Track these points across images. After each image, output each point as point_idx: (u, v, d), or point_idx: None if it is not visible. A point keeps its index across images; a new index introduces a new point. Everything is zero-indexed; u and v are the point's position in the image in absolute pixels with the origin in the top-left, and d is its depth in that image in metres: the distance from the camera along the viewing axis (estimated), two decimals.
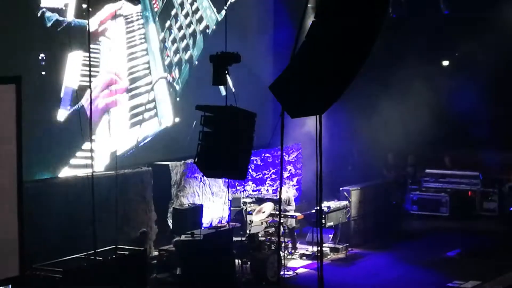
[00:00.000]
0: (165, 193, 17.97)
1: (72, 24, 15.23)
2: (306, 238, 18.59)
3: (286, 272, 16.39)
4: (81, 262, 12.83)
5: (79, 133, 12.79)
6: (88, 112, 12.93)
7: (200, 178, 18.33)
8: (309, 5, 13.40)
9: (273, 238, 16.72)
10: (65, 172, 15.44)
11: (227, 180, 17.75)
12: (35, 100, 14.63)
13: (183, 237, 15.44)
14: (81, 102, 15.39)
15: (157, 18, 17.81)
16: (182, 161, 18.20)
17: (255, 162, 20.07)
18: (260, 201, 18.46)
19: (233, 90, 12.27)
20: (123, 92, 16.86)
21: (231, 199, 18.51)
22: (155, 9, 17.77)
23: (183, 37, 18.51)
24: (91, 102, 12.22)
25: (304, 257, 17.57)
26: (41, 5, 14.92)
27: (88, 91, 12.67)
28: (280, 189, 9.88)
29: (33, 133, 14.50)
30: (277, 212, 17.09)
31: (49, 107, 15.20)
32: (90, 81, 12.99)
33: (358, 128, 21.84)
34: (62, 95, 15.37)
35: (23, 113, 12.13)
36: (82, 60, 15.59)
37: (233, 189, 19.27)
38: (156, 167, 17.71)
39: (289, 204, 18.14)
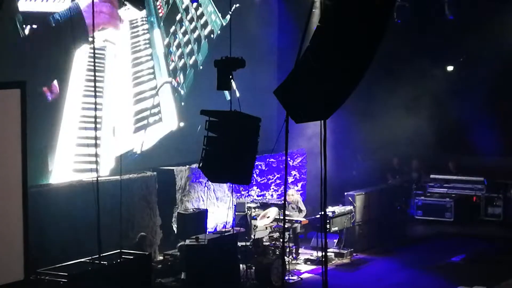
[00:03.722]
0: (169, 197, 17.99)
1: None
2: (310, 243, 18.60)
3: (290, 277, 16.37)
4: (85, 266, 12.83)
5: (84, 138, 12.83)
6: None
7: (205, 183, 18.34)
8: (313, 9, 13.39)
9: (277, 243, 16.71)
10: (70, 177, 15.47)
11: (231, 185, 17.75)
12: (40, 106, 14.69)
13: (187, 241, 15.45)
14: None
15: (162, 23, 17.84)
16: (187, 166, 18.23)
17: (259, 167, 20.08)
18: (264, 206, 18.45)
19: (238, 95, 12.30)
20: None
21: (235, 204, 18.51)
22: (160, 14, 17.81)
23: (188, 42, 18.54)
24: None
25: (309, 262, 17.56)
26: (47, 11, 14.97)
27: None
28: (285, 194, 9.87)
29: (37, 137, 14.55)
30: (282, 217, 17.07)
31: (53, 111, 15.23)
32: (95, 86, 13.02)
33: (363, 133, 21.83)
34: (66, 98, 15.40)
35: (27, 117, 12.17)
36: (87, 65, 15.64)
37: (238, 194, 19.28)
38: (160, 171, 17.73)
39: (300, 210, 18.13)
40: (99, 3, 15.69)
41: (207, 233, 16.35)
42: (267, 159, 20.31)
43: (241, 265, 16.06)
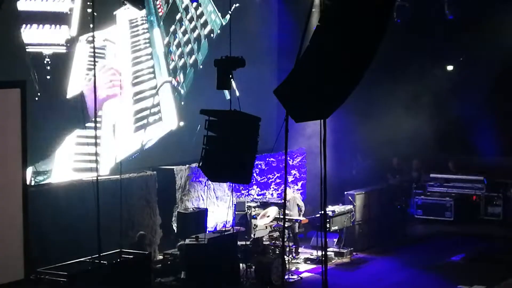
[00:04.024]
0: (169, 197, 18.00)
1: None
2: (310, 242, 18.60)
3: (290, 276, 16.37)
4: (85, 266, 12.84)
5: (84, 137, 12.84)
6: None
7: (205, 182, 18.35)
8: (313, 9, 13.39)
9: (277, 242, 16.73)
10: (70, 176, 15.47)
11: (231, 184, 17.77)
12: (40, 104, 14.69)
13: (187, 241, 15.46)
14: (82, 90, 15.43)
15: (161, 23, 17.84)
16: (187, 165, 18.23)
17: (259, 166, 20.09)
18: (264, 205, 18.46)
19: (238, 94, 12.30)
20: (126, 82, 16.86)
21: (235, 203, 18.52)
22: (160, 14, 17.81)
23: (188, 42, 18.54)
24: (95, 107, 12.22)
25: (309, 262, 17.57)
26: (46, 10, 14.98)
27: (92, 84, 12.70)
28: (285, 193, 9.88)
29: (38, 136, 14.55)
30: (282, 216, 17.08)
31: (54, 111, 15.23)
32: (95, 86, 13.01)
33: (363, 132, 21.83)
34: (66, 97, 15.41)
35: (27, 116, 12.16)
36: (87, 65, 15.63)
37: (238, 193, 19.29)
38: (160, 171, 17.74)
39: (298, 206, 18.13)
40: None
41: (207, 232, 16.36)
42: (267, 159, 20.33)
43: (241, 265, 16.06)
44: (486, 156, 22.03)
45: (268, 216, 17.39)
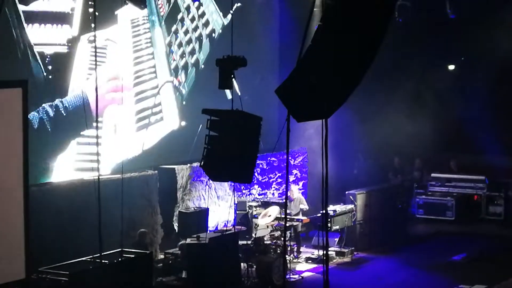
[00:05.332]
0: (171, 196, 18.00)
1: None
2: (312, 241, 18.60)
3: (291, 276, 16.39)
4: (87, 265, 12.84)
5: (86, 137, 12.84)
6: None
7: (206, 182, 18.34)
8: (315, 9, 13.38)
9: (278, 241, 16.72)
10: (71, 175, 15.47)
11: (233, 184, 17.76)
12: (41, 103, 14.70)
13: (188, 240, 15.46)
14: (85, 92, 15.41)
15: (163, 22, 17.84)
16: (188, 165, 18.23)
17: (261, 166, 20.08)
18: (266, 204, 18.47)
19: (239, 94, 12.30)
20: (128, 90, 16.89)
21: (236, 202, 18.51)
22: (161, 13, 17.81)
23: (189, 41, 18.54)
24: (97, 104, 12.20)
25: (310, 261, 17.57)
26: (48, 10, 14.99)
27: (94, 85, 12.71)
28: (286, 193, 9.88)
29: (38, 135, 14.55)
30: (283, 216, 17.07)
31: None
32: (96, 84, 13.01)
33: (364, 132, 21.83)
34: (67, 98, 15.42)
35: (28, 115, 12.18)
36: (88, 64, 15.64)
37: (239, 193, 19.28)
38: (162, 170, 17.74)
39: (301, 203, 18.17)
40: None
41: (208, 231, 16.35)
42: (268, 158, 20.31)
43: (242, 264, 16.07)
44: (487, 155, 22.01)
45: (269, 216, 17.39)
